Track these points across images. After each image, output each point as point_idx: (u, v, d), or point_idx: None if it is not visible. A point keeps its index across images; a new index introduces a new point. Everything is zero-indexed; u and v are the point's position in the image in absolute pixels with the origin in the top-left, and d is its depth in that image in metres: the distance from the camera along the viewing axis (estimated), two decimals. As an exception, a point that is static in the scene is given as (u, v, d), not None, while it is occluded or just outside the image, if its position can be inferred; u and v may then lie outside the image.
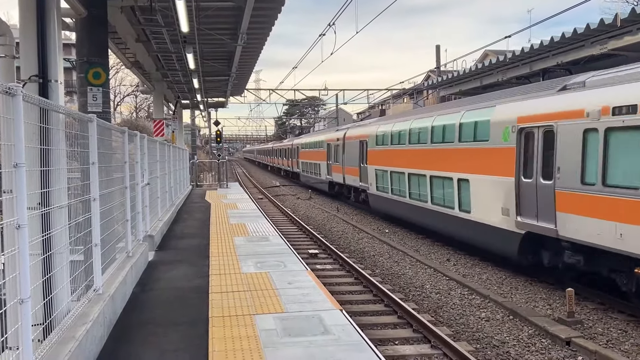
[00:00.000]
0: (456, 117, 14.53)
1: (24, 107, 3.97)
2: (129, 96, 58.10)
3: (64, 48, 7.65)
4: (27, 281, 3.88)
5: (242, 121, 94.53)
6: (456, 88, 25.60)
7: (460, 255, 14.55)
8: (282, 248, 11.52)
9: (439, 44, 71.96)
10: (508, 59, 18.66)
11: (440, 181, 15.17)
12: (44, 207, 4.69)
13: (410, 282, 11.97)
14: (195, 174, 32.86)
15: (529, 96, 11.79)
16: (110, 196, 7.16)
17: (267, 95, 42.08)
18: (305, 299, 7.55)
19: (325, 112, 76.30)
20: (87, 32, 9.64)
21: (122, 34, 15.00)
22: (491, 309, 9.92)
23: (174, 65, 20.40)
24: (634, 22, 13.06)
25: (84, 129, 5.92)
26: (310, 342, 5.85)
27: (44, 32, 6.61)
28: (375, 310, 9.71)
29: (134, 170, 9.45)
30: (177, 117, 32.38)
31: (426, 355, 7.59)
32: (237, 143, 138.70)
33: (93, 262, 6.03)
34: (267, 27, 15.75)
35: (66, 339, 4.80)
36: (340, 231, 19.02)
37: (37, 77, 6.63)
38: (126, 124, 37.57)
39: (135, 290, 8.18)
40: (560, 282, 10.98)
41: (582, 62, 16.09)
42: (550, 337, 8.40)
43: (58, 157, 5.08)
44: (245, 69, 23.74)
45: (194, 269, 9.67)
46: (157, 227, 12.50)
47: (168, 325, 6.61)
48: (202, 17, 13.63)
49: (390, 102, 50.99)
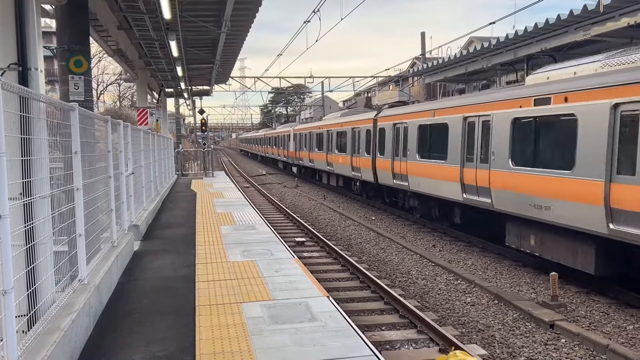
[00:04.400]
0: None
1: (3, 96, 3.89)
2: (112, 85, 57.45)
3: (44, 36, 7.53)
4: (10, 272, 3.83)
5: (227, 109, 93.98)
6: (441, 75, 25.66)
7: (446, 242, 14.67)
8: (269, 236, 11.52)
9: (424, 31, 72.04)
10: (492, 46, 18.72)
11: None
12: (26, 197, 4.63)
13: (397, 269, 12.06)
14: (181, 163, 32.63)
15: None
16: (93, 186, 7.09)
17: (252, 83, 41.79)
18: (292, 286, 7.57)
19: (311, 100, 76.05)
20: (67, 20, 9.48)
21: (104, 21, 14.77)
22: (476, 294, 10.03)
23: (157, 53, 20.16)
24: (616, 9, 13.15)
25: (66, 118, 5.83)
26: (298, 329, 5.88)
27: (23, 18, 6.46)
28: (362, 297, 9.77)
29: (118, 159, 9.35)
30: (161, 105, 32.05)
31: (412, 340, 7.67)
32: (223, 132, 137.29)
33: (77, 252, 5.98)
34: (251, 13, 15.59)
35: (51, 329, 4.77)
36: (327, 219, 19.06)
37: (16, 65, 6.49)
38: (109, 113, 37.15)
39: (121, 280, 8.14)
40: (544, 267, 11.13)
41: (566, 49, 16.20)
42: (535, 320, 8.53)
43: (40, 147, 5.00)
44: (229, 57, 23.53)
45: (180, 258, 9.64)
46: (142, 217, 12.42)
47: (155, 314, 6.59)
48: (184, 4, 13.46)
49: (376, 89, 50.99)
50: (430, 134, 15.72)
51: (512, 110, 11.50)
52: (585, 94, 9.46)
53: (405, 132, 17.34)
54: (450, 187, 14.07)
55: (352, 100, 58.30)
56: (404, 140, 17.34)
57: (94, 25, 14.96)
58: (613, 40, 15.41)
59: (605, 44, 16.07)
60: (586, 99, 9.42)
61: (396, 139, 18.11)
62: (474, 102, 13.41)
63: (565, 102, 9.91)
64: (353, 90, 47.69)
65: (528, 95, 11.03)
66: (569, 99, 9.82)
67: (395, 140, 18.15)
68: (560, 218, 9.90)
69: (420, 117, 16.28)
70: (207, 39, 18.92)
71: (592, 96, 9.28)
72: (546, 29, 15.60)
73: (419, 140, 16.30)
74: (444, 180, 14.47)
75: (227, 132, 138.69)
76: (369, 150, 20.80)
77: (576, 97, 9.67)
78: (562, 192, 9.84)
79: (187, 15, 14.52)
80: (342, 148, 24.79)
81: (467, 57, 21.46)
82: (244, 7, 14.64)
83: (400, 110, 18.85)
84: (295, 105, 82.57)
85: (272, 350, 5.34)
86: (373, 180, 20.57)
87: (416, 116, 16.65)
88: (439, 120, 14.99)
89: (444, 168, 14.47)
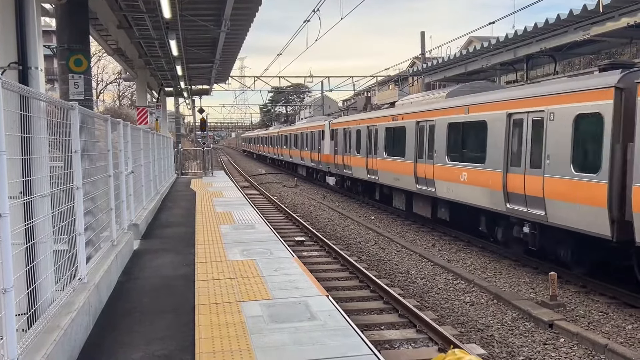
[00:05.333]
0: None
1: (3, 95, 3.90)
2: (111, 84, 57.42)
3: (44, 35, 7.51)
4: (10, 271, 3.84)
5: (227, 109, 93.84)
6: (441, 74, 25.67)
7: (445, 241, 14.68)
8: (269, 235, 11.53)
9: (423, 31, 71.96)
10: (492, 45, 18.73)
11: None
12: (26, 196, 4.64)
13: (396, 268, 12.07)
14: (180, 162, 32.62)
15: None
16: (93, 185, 7.09)
17: (252, 83, 41.84)
18: (292, 285, 7.58)
19: (311, 99, 76.04)
20: (67, 19, 9.47)
21: (104, 20, 14.77)
22: (475, 294, 10.04)
23: (157, 52, 20.15)
24: (616, 9, 13.16)
25: (66, 117, 5.84)
26: (297, 328, 5.89)
27: (23, 17, 6.47)
28: (362, 296, 9.78)
29: (118, 158, 9.36)
30: (161, 105, 32.03)
31: (412, 340, 7.68)
32: (222, 131, 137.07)
33: (77, 251, 5.98)
34: (251, 12, 15.59)
35: (51, 327, 4.77)
36: (327, 218, 19.07)
37: (16, 64, 6.49)
38: (109, 112, 37.12)
39: (120, 279, 8.15)
40: (544, 266, 11.14)
41: (565, 48, 16.21)
42: (534, 320, 8.54)
43: (40, 146, 5.01)
44: (229, 56, 23.53)
45: (180, 257, 9.65)
46: (142, 216, 12.42)
47: (154, 313, 6.60)
48: (184, 3, 13.47)
49: (376, 89, 50.97)
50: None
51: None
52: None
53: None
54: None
55: (351, 100, 58.29)
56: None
57: (93, 24, 14.96)
58: (613, 40, 15.43)
59: (605, 44, 16.10)
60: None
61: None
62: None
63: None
64: (353, 90, 47.70)
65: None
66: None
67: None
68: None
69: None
70: (207, 38, 18.92)
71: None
72: (546, 28, 15.61)
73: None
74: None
75: (226, 131, 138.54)
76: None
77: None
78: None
79: (187, 15, 14.52)
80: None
81: (466, 57, 21.48)
82: (244, 7, 14.64)
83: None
84: (295, 105, 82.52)
85: (272, 349, 5.35)
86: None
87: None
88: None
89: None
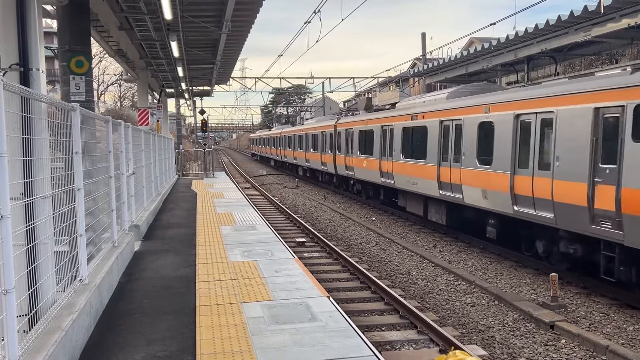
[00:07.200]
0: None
1: (5, 96, 3.91)
2: (112, 85, 57.51)
3: (46, 36, 7.53)
4: (11, 272, 3.84)
5: (228, 110, 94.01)
6: (442, 76, 25.65)
7: (446, 242, 14.67)
8: (270, 237, 11.53)
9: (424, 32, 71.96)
10: (493, 47, 18.70)
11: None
12: (27, 197, 4.64)
13: (397, 269, 12.06)
14: (181, 163, 32.64)
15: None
16: (94, 186, 7.10)
17: (252, 84, 41.74)
18: (293, 286, 7.58)
19: (312, 100, 76.09)
20: (68, 20, 9.49)
21: (105, 21, 14.78)
22: (477, 295, 10.03)
23: (158, 54, 20.16)
24: (616, 9, 13.15)
25: (67, 118, 5.85)
26: (298, 330, 5.89)
27: (24, 19, 6.48)
28: (363, 297, 9.78)
29: (119, 159, 9.37)
30: (162, 106, 32.02)
31: (413, 341, 7.67)
32: (223, 132, 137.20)
33: (78, 252, 5.99)
34: (252, 14, 15.60)
35: (52, 329, 4.77)
36: (328, 219, 19.07)
37: (17, 66, 6.50)
38: (110, 113, 37.19)
39: (121, 280, 8.15)
40: (545, 267, 11.13)
41: (566, 49, 16.19)
42: (535, 321, 8.53)
43: (41, 147, 5.02)
44: (230, 57, 23.53)
45: (181, 258, 9.65)
46: (143, 217, 12.43)
47: (155, 314, 6.60)
48: (185, 4, 13.47)
49: (377, 90, 51.00)
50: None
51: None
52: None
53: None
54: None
55: (352, 101, 58.30)
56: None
57: (95, 25, 14.98)
58: (613, 41, 15.41)
59: (605, 45, 16.08)
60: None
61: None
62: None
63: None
64: (354, 91, 47.73)
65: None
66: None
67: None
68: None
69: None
70: (208, 40, 18.93)
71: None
72: (547, 29, 15.58)
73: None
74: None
75: (227, 132, 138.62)
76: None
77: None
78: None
79: (188, 16, 14.52)
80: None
81: (467, 58, 21.44)
82: (245, 8, 14.65)
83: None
84: (295, 106, 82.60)
85: (273, 350, 5.35)
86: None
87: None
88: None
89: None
